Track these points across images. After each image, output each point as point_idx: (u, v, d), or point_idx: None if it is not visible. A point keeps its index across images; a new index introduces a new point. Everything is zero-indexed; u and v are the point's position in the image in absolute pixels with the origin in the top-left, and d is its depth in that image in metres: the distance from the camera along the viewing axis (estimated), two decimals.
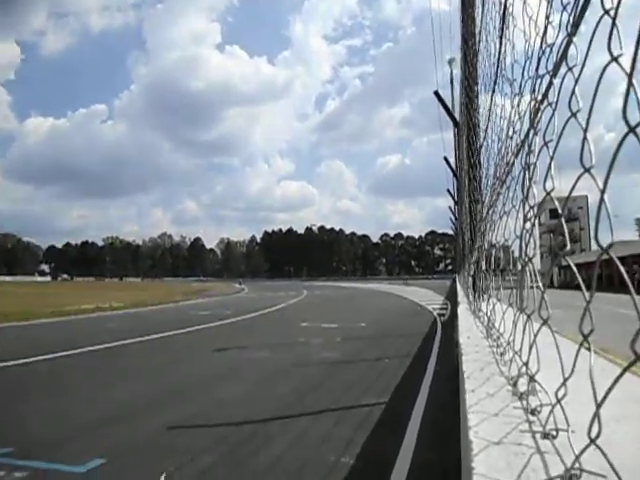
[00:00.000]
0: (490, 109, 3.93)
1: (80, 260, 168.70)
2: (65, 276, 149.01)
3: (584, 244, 74.08)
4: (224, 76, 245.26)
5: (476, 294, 6.07)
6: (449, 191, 24.09)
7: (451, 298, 23.46)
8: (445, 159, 19.81)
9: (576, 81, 1.12)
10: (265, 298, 36.44)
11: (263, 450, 4.75)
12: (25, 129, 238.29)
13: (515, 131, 2.20)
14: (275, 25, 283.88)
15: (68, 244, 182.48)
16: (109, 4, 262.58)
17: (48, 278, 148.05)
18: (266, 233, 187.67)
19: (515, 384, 1.69)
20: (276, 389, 7.35)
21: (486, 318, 3.53)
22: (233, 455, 4.66)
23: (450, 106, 15.00)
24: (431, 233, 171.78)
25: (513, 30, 2.55)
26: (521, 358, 1.69)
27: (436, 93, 12.22)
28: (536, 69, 1.65)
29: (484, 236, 4.53)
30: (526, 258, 1.61)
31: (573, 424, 1.13)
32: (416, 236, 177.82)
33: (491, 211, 3.74)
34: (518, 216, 1.80)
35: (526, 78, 1.93)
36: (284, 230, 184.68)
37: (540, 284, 1.49)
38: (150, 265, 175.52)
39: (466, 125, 8.04)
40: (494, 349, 2.52)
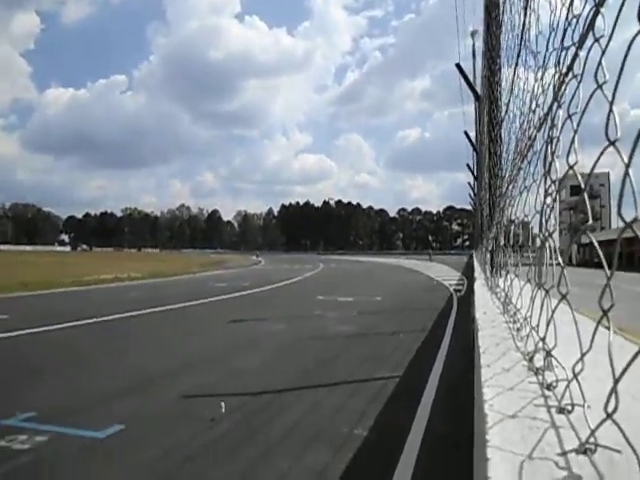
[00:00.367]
0: (513, 82, 3.86)
1: (99, 230, 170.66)
2: (84, 246, 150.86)
3: (604, 222, 73.08)
4: (244, 47, 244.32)
5: (494, 270, 6.04)
6: (469, 166, 23.78)
7: (467, 274, 23.39)
8: (465, 133, 19.52)
9: (603, 52, 1.09)
10: (282, 271, 36.63)
11: (278, 420, 4.83)
12: (45, 99, 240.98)
13: (538, 104, 2.15)
14: None
15: (87, 214, 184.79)
16: None
17: (68, 248, 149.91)
18: (283, 206, 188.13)
19: (531, 359, 1.69)
20: (292, 361, 7.43)
21: (503, 294, 3.52)
22: (248, 423, 4.74)
23: (472, 79, 14.74)
24: (449, 208, 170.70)
25: (538, 1, 2.49)
26: (538, 334, 1.68)
27: (458, 65, 11.97)
28: (561, 41, 1.61)
29: (503, 212, 4.49)
30: (546, 233, 1.59)
31: (589, 400, 1.12)
32: (434, 211, 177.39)
33: (511, 186, 3.69)
34: (539, 191, 1.77)
35: (550, 50, 1.88)
36: (301, 203, 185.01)
37: (560, 260, 1.47)
38: (168, 236, 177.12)
39: (487, 99, 7.90)
40: (510, 325, 2.52)
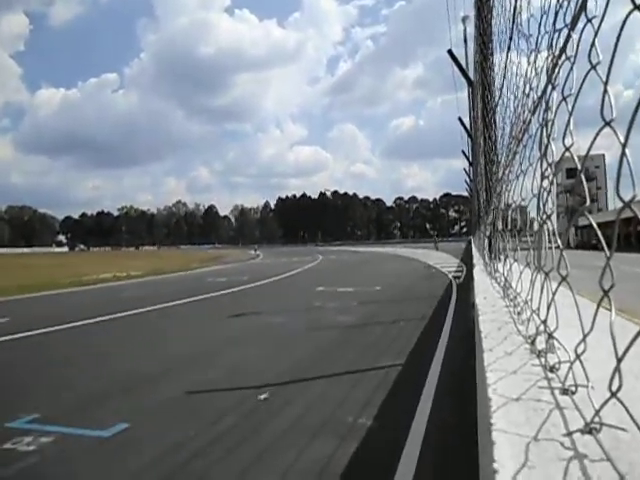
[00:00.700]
0: (505, 66, 3.85)
1: (96, 230, 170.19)
2: (82, 246, 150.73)
3: (601, 204, 73.20)
4: (234, 41, 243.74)
5: (492, 255, 6.05)
6: (464, 152, 23.80)
7: (466, 260, 23.42)
8: (460, 120, 19.51)
9: (595, 33, 1.08)
10: (280, 264, 36.62)
11: (283, 412, 4.84)
12: (36, 100, 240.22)
13: (532, 88, 2.15)
14: None
15: (84, 214, 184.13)
16: None
17: (65, 249, 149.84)
18: (280, 199, 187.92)
19: (533, 342, 1.70)
20: (294, 353, 7.44)
21: (503, 278, 3.53)
22: (253, 417, 4.76)
23: (464, 65, 14.69)
24: (446, 195, 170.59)
25: None
26: (539, 317, 1.69)
27: (450, 52, 11.95)
28: (553, 23, 1.61)
29: (500, 197, 4.49)
30: (544, 216, 1.59)
31: (592, 380, 1.13)
32: (430, 199, 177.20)
33: (507, 171, 3.69)
34: (535, 175, 1.78)
35: (543, 33, 1.87)
36: (298, 196, 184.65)
37: (559, 242, 1.48)
38: (165, 233, 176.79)
39: (481, 84, 7.87)
40: (511, 309, 2.53)
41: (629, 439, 0.90)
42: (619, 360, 0.86)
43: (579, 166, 1.15)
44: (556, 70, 1.55)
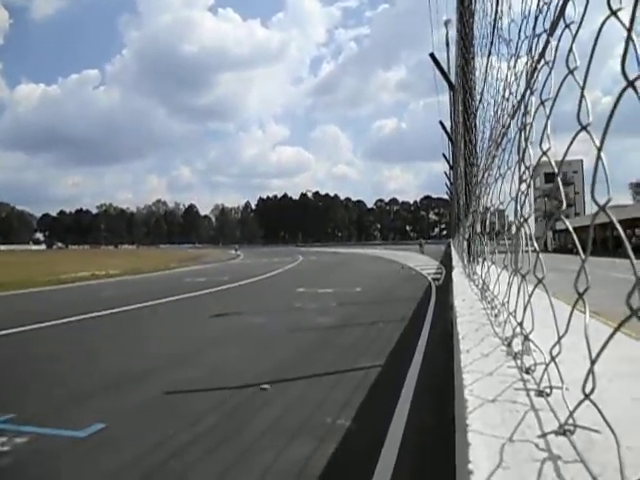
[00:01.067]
0: (486, 71, 3.88)
1: (75, 228, 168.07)
2: (60, 244, 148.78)
3: (578, 208, 74.26)
4: (218, 40, 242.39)
5: (471, 257, 6.10)
6: (444, 155, 23.92)
7: (446, 263, 23.59)
8: (441, 123, 19.59)
9: (574, 38, 1.10)
10: (261, 264, 36.55)
11: (262, 413, 4.83)
12: (16, 96, 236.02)
13: (511, 92, 2.17)
14: None
15: (62, 212, 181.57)
16: None
17: (43, 246, 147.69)
18: (261, 199, 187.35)
19: (509, 344, 1.71)
20: (274, 354, 7.43)
21: (481, 281, 3.55)
22: (232, 418, 4.74)
23: (446, 69, 14.78)
24: (426, 198, 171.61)
25: None
26: (515, 319, 1.70)
27: (432, 55, 12.00)
28: (533, 28, 1.62)
29: (479, 200, 4.52)
30: (521, 219, 1.61)
31: (567, 382, 1.14)
32: (411, 201, 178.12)
33: (486, 174, 3.71)
34: (513, 178, 1.79)
35: (523, 38, 1.89)
36: (279, 196, 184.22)
37: (535, 245, 1.49)
38: (145, 232, 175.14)
39: (462, 88, 7.93)
40: (488, 311, 2.54)
41: (602, 440, 0.91)
42: (593, 362, 0.87)
43: (556, 170, 1.17)
44: (535, 75, 1.56)
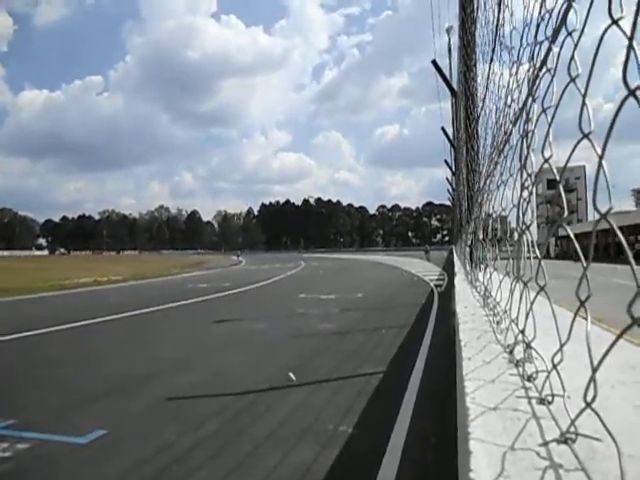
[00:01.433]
0: (488, 78, 3.89)
1: (77, 234, 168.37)
2: (62, 250, 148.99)
3: (581, 215, 74.21)
4: (221, 46, 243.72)
5: (473, 264, 6.09)
6: (446, 162, 23.91)
7: (448, 269, 23.55)
8: (442, 129, 19.60)
9: (575, 45, 1.10)
10: (263, 270, 36.54)
11: (264, 419, 4.82)
12: (20, 102, 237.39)
13: (513, 99, 2.17)
14: None
15: (65, 218, 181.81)
16: None
17: (45, 252, 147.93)
18: (263, 205, 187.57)
19: (511, 352, 1.70)
20: (276, 360, 7.42)
21: (483, 287, 3.55)
22: (234, 424, 4.72)
23: (448, 75, 14.81)
24: (428, 204, 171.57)
25: None
26: (517, 326, 1.70)
27: (434, 62, 12.02)
28: (535, 36, 1.63)
29: (481, 206, 4.52)
30: (523, 226, 1.61)
31: (569, 390, 1.14)
32: (413, 207, 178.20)
33: (488, 181, 3.72)
34: (515, 185, 1.79)
35: (524, 45, 1.90)
36: (281, 202, 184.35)
37: (537, 252, 1.49)
38: (147, 238, 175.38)
39: (464, 95, 7.94)
40: (491, 318, 2.54)
41: (603, 449, 0.90)
42: (594, 370, 0.87)
43: (557, 177, 1.17)
44: (537, 82, 1.56)
